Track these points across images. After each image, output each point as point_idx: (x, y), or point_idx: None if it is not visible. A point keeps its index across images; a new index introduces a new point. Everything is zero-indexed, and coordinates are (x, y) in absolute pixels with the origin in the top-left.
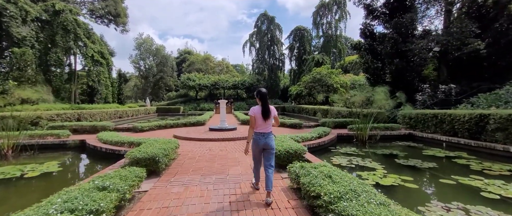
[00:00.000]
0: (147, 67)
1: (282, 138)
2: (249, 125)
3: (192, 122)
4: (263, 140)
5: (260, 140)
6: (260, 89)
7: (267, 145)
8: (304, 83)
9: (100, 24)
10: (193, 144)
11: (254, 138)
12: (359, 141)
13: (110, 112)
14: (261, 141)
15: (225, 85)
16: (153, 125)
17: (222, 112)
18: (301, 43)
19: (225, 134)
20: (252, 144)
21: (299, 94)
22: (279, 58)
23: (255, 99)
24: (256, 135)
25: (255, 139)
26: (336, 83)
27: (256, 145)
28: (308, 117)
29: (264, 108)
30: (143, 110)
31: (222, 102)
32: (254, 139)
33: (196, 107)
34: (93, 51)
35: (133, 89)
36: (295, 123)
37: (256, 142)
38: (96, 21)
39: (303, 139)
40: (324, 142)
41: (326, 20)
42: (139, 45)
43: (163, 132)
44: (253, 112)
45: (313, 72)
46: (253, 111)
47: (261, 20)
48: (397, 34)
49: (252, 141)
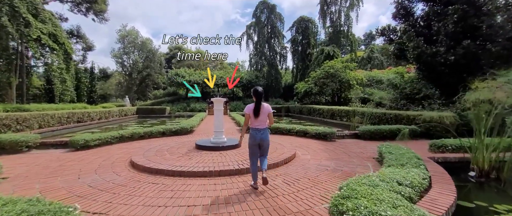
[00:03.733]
0: (131, 62)
1: (369, 192)
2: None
3: (174, 130)
4: (259, 135)
5: (257, 135)
6: (257, 88)
7: (263, 141)
8: (313, 79)
9: (77, 13)
10: (156, 191)
11: (251, 133)
12: (481, 173)
13: (60, 116)
14: (258, 136)
15: (219, 82)
16: (109, 137)
17: (217, 118)
18: (305, 35)
19: (222, 158)
20: (249, 139)
21: (309, 92)
22: (280, 52)
23: (252, 98)
24: (253, 130)
25: (252, 134)
26: (353, 79)
27: (253, 140)
28: (323, 121)
29: (256, 106)
30: (117, 111)
31: (217, 101)
32: (251, 134)
33: (186, 107)
34: (40, 32)
35: (117, 87)
36: (325, 133)
37: (253, 137)
38: (72, 10)
39: (413, 187)
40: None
41: (335, 7)
42: (122, 38)
43: (119, 150)
44: (249, 110)
45: (324, 65)
46: (248, 109)
47: (260, 8)
48: (467, 5)
49: (249, 137)
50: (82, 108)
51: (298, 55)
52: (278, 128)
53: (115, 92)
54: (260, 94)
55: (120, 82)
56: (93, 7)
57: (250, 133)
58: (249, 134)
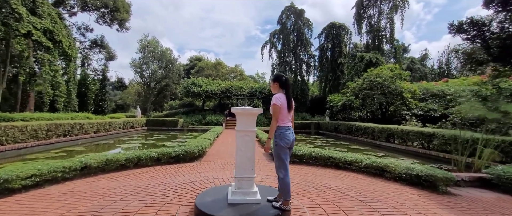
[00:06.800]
0: (150, 72)
1: None
2: (273, 118)
3: (175, 155)
4: (292, 136)
5: (290, 135)
6: (280, 74)
7: (293, 142)
8: (354, 90)
9: (102, 24)
10: None
11: (283, 132)
12: None
13: (36, 128)
14: (291, 137)
15: (239, 93)
16: (59, 170)
17: (242, 146)
18: (335, 43)
19: None
20: (280, 142)
21: (349, 106)
22: (307, 61)
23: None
24: (284, 129)
25: (284, 134)
26: (407, 91)
27: (286, 142)
28: (373, 143)
29: (288, 96)
30: (121, 123)
31: (243, 114)
32: (282, 134)
33: (201, 119)
34: (32, 26)
35: (135, 97)
36: (431, 177)
37: (286, 137)
38: (97, 21)
39: None
40: None
41: (374, 10)
42: (143, 48)
43: (54, 204)
44: (280, 101)
45: (368, 74)
46: (280, 99)
47: (286, 14)
48: None
49: (279, 138)
50: (84, 118)
51: (328, 65)
52: (329, 157)
53: (133, 102)
54: (288, 81)
55: (139, 92)
56: (116, 15)
57: (281, 132)
58: (279, 135)
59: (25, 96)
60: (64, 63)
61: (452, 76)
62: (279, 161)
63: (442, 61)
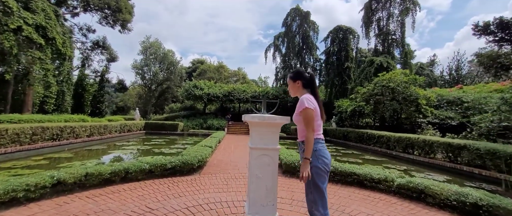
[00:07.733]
0: (151, 74)
1: None
2: (307, 128)
3: (171, 167)
4: (328, 153)
5: (327, 152)
6: (302, 69)
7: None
8: (364, 95)
9: (105, 25)
10: None
11: (319, 149)
12: None
13: (18, 132)
14: (329, 155)
15: (241, 96)
16: (22, 188)
17: (256, 167)
18: (342, 46)
19: None
20: (318, 163)
21: (359, 112)
22: (313, 65)
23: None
24: (321, 144)
25: (322, 152)
26: (422, 97)
27: (325, 163)
28: (388, 154)
29: (318, 99)
30: (117, 126)
31: (258, 124)
32: (319, 152)
33: (202, 123)
34: (22, 21)
35: (136, 99)
36: (499, 209)
37: (325, 155)
38: (100, 22)
39: None
40: None
41: (382, 14)
42: (145, 49)
43: None
44: (313, 104)
45: (380, 78)
46: (312, 102)
47: (292, 16)
48: None
49: (315, 157)
50: (78, 120)
51: (334, 69)
52: (351, 173)
53: (134, 104)
54: (315, 79)
55: (140, 94)
56: (118, 16)
57: (317, 149)
58: (317, 151)
59: (17, 97)
60: (58, 62)
61: (463, 83)
62: (316, 192)
63: (452, 67)
